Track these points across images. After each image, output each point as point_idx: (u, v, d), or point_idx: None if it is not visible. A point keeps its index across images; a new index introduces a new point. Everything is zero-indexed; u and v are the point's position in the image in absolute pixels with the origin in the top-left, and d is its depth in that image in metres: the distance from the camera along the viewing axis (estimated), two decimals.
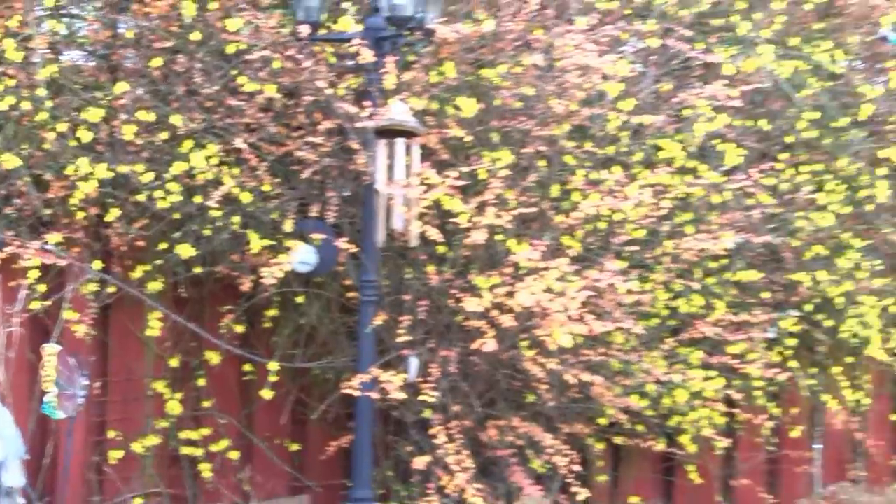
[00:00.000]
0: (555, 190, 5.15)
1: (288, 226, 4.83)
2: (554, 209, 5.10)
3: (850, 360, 6.05)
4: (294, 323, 5.17)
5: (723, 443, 5.51)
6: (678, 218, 5.31)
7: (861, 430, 6.10)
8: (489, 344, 4.60)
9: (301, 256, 4.81)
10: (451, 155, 4.94)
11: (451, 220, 4.80)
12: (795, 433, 6.02)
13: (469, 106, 4.86)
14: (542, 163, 5.13)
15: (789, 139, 5.82)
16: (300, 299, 5.06)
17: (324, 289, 5.08)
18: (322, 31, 4.88)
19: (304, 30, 4.69)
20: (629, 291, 4.91)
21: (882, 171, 6.00)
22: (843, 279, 5.76)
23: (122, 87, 4.67)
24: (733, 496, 6.00)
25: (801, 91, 5.81)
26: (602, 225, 5.12)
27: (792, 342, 5.70)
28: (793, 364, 5.70)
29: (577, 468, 4.94)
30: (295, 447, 5.41)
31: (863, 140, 5.97)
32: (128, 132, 4.65)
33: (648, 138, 5.40)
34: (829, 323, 5.78)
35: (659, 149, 5.41)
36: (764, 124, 5.73)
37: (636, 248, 5.17)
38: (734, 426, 5.81)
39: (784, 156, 5.77)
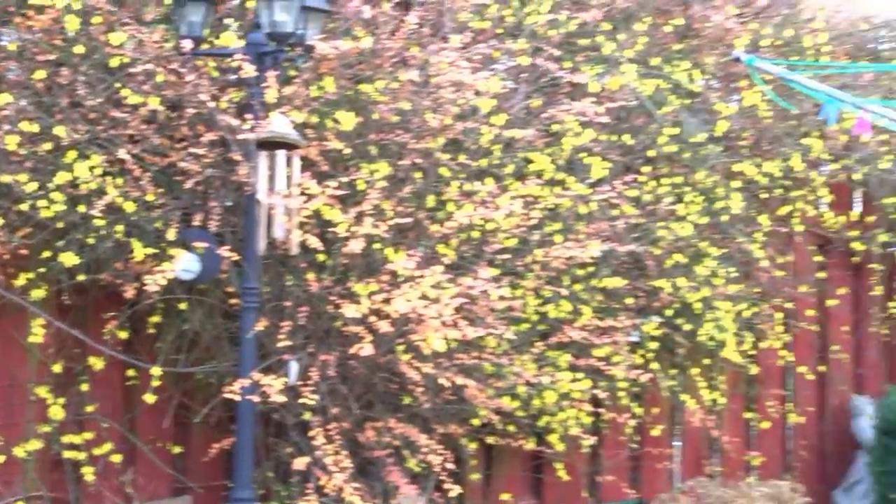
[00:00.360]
0: (430, 200, 5.20)
1: (171, 234, 4.78)
2: (429, 219, 5.14)
3: (707, 361, 6.18)
4: (177, 329, 5.11)
5: (589, 441, 5.63)
6: (548, 227, 5.40)
7: (717, 427, 6.25)
8: (367, 348, 4.63)
9: (184, 264, 4.78)
10: (330, 166, 4.95)
11: (331, 229, 4.81)
12: (656, 431, 6.14)
13: (348, 119, 4.89)
14: (418, 174, 5.17)
15: (651, 153, 5.95)
16: (183, 306, 5.01)
17: (206, 295, 5.05)
18: (205, 46, 4.84)
19: (187, 44, 4.65)
20: (501, 298, 4.97)
21: (736, 183, 6.19)
22: (700, 285, 5.89)
23: (4, 98, 4.58)
24: (599, 491, 6.08)
25: (661, 108, 5.95)
26: (475, 234, 5.18)
27: (654, 345, 5.83)
28: (654, 366, 5.82)
29: (450, 467, 4.99)
30: (177, 450, 5.34)
31: (718, 154, 6.12)
32: (11, 143, 4.56)
33: (519, 151, 5.48)
34: (687, 327, 5.90)
35: (529, 161, 5.50)
36: (627, 139, 5.86)
37: (508, 256, 5.25)
38: (600, 425, 5.91)
39: (646, 169, 5.91)
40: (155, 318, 5.08)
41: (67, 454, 5.09)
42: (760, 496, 5.67)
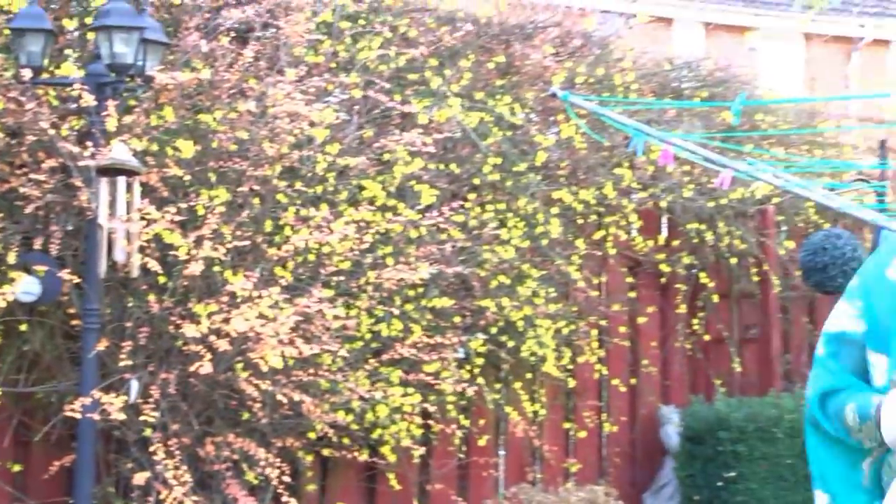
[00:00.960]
0: (268, 225, 5.22)
1: (11, 258, 4.69)
2: (267, 243, 5.16)
3: (529, 375, 6.30)
4: (17, 349, 4.99)
5: (419, 451, 5.69)
6: (380, 251, 5.46)
7: (538, 437, 6.35)
8: (206, 367, 4.62)
9: (24, 287, 4.70)
10: (170, 192, 4.94)
11: (171, 252, 4.80)
12: (482, 441, 6.21)
13: (187, 147, 4.89)
14: (256, 200, 5.19)
15: (476, 181, 6.07)
16: (24, 327, 4.92)
17: (48, 317, 4.95)
18: (45, 76, 4.79)
19: (27, 73, 4.59)
20: (336, 317, 5.04)
21: (555, 210, 6.34)
22: (523, 305, 6.02)
23: None
24: (428, 499, 6.12)
25: (485, 139, 6.08)
26: (311, 257, 5.22)
27: (480, 361, 5.93)
28: (480, 380, 5.91)
29: (287, 479, 4.99)
30: (17, 468, 5.22)
31: (538, 183, 6.27)
32: None
33: (353, 179, 5.54)
34: (511, 343, 6.02)
35: (362, 188, 5.57)
36: (454, 168, 5.98)
37: (342, 277, 5.29)
38: (429, 436, 5.96)
39: (472, 196, 6.03)
40: None
41: None
42: (578, 500, 5.80)
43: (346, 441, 5.48)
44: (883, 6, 17.44)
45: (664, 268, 6.97)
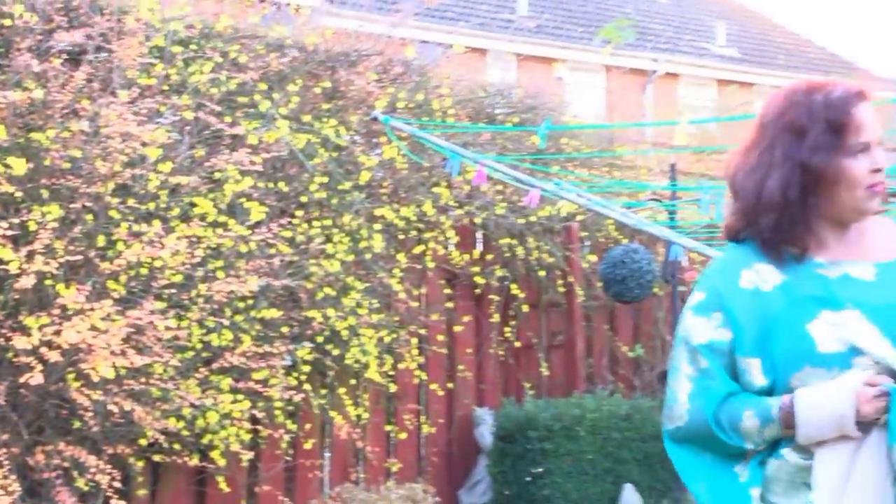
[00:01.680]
0: (101, 240, 5.06)
1: None
2: (100, 257, 5.00)
3: (353, 381, 6.29)
4: None
5: (248, 455, 5.58)
6: (211, 264, 5.37)
7: (362, 439, 6.35)
8: (37, 378, 4.45)
9: None
10: (2, 208, 4.77)
11: (2, 266, 4.63)
12: (308, 444, 6.16)
13: (19, 165, 4.71)
14: (89, 216, 5.05)
15: (304, 199, 6.04)
16: None
17: None
18: None
19: None
20: (167, 328, 4.93)
21: (378, 226, 6.37)
22: (347, 315, 6.01)
23: None
24: (257, 500, 6.06)
25: (312, 159, 6.06)
26: (144, 270, 5.08)
27: (306, 368, 5.88)
28: (307, 387, 5.86)
29: (118, 485, 4.87)
30: None
31: (362, 200, 6.29)
32: None
33: (185, 196, 5.44)
34: (336, 352, 6.00)
35: (194, 205, 5.47)
36: (283, 186, 5.94)
37: (174, 290, 5.18)
38: (258, 441, 5.88)
39: (300, 212, 6.00)
40: None
41: None
42: (398, 498, 5.82)
43: (176, 447, 5.35)
44: (673, 43, 18.14)
45: (479, 280, 7.04)
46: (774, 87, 2.81)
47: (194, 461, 5.47)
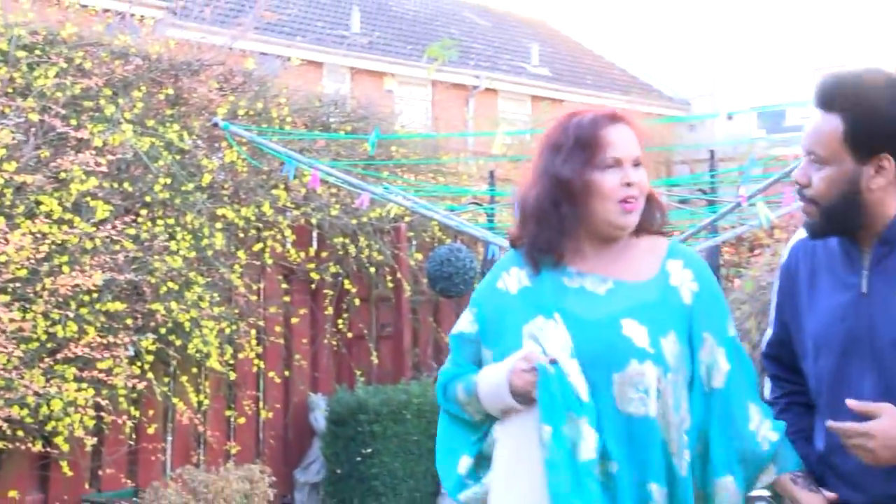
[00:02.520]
0: None
1: None
2: None
3: (195, 370, 6.21)
4: None
5: (91, 441, 5.45)
6: (56, 260, 5.22)
7: (203, 424, 6.27)
8: None
9: None
10: None
11: None
12: (151, 430, 6.05)
13: None
14: None
15: (148, 198, 5.92)
16: None
17: None
18: None
19: None
20: (12, 320, 4.77)
21: (219, 225, 6.30)
22: (190, 308, 5.92)
23: None
24: (100, 483, 5.91)
25: (156, 161, 5.95)
26: None
27: (150, 358, 5.77)
28: (150, 375, 5.74)
29: None
30: None
31: (204, 201, 6.20)
32: None
33: (30, 195, 5.26)
34: (179, 342, 5.91)
35: (40, 203, 5.30)
36: (127, 186, 5.81)
37: (19, 284, 5.01)
38: (102, 427, 5.73)
39: (144, 211, 5.87)
40: None
41: None
42: (236, 478, 5.77)
43: (20, 433, 5.14)
44: (493, 61, 18.49)
45: (314, 276, 7.04)
46: (582, 104, 2.93)
47: (38, 447, 5.31)
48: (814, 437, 2.60)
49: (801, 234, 2.65)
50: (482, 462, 2.54)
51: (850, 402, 2.34)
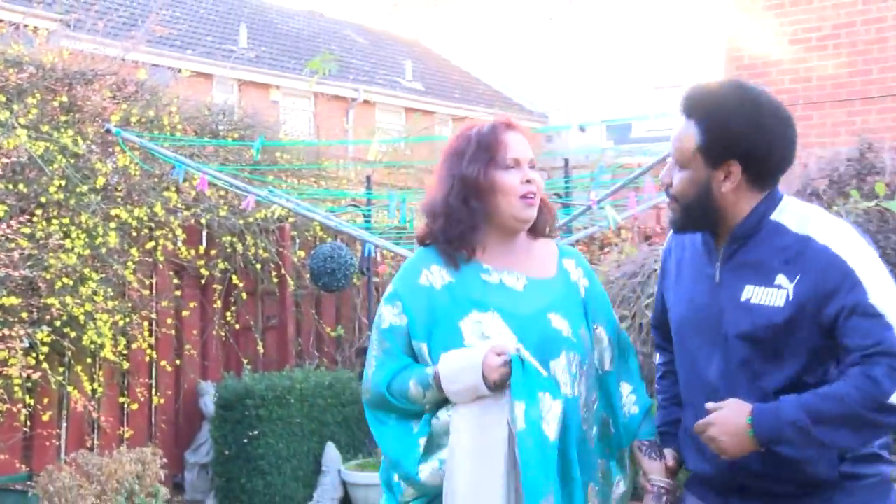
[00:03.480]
0: None
1: None
2: None
3: (89, 360, 6.04)
4: None
5: None
6: None
7: (97, 410, 6.13)
8: None
9: None
10: None
11: None
12: (46, 417, 5.87)
13: None
14: None
15: (43, 199, 5.74)
16: None
17: None
18: None
19: None
20: None
21: (113, 224, 6.14)
22: (84, 302, 5.76)
23: None
24: None
25: (51, 165, 5.78)
26: None
27: (45, 349, 5.59)
28: (45, 365, 5.57)
29: None
30: None
31: (98, 202, 6.05)
32: None
33: None
34: (73, 334, 5.75)
35: None
36: (22, 188, 5.62)
37: None
38: None
39: (39, 211, 5.69)
40: None
41: None
42: (129, 461, 5.63)
43: None
44: (370, 76, 18.49)
45: (204, 272, 6.94)
46: (451, 116, 3.00)
47: None
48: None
49: None
50: (430, 444, 2.52)
51: (708, 405, 2.42)
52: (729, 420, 2.36)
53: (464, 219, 2.57)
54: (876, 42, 11.64)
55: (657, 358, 2.85)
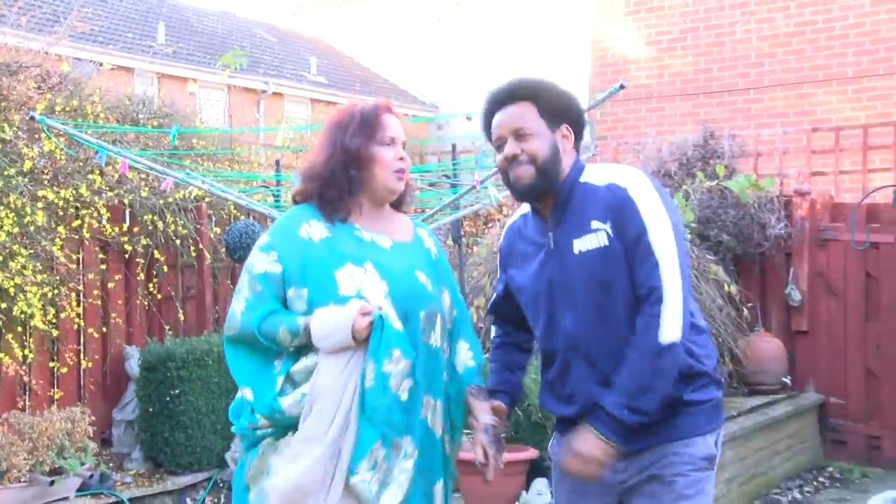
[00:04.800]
0: None
1: None
2: None
3: (20, 329, 5.87)
4: None
5: None
6: None
7: (28, 374, 5.98)
8: None
9: None
10: None
11: None
12: None
13: None
14: None
15: None
16: None
17: None
18: None
19: None
20: None
21: (40, 204, 5.96)
22: (14, 276, 5.60)
23: None
24: None
25: None
26: None
27: None
28: None
29: None
30: None
31: (26, 184, 5.86)
32: None
33: None
34: (4, 305, 5.57)
35: None
36: None
37: None
38: None
39: None
40: None
41: None
42: (59, 419, 5.50)
43: None
44: (279, 70, 18.20)
45: (127, 247, 6.79)
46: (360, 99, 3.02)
47: None
48: (522, 375, 2.84)
49: (511, 220, 2.85)
50: (290, 380, 2.53)
51: (563, 460, 2.57)
52: (590, 450, 2.48)
53: (342, 184, 2.61)
54: (715, 45, 12.10)
55: (493, 332, 2.94)
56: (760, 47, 11.51)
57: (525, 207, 2.80)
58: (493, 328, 2.96)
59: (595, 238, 2.52)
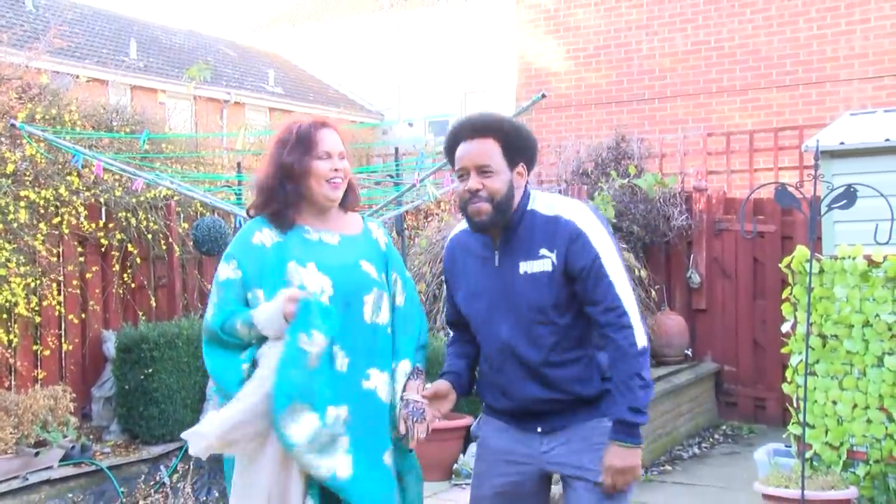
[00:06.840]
0: None
1: None
2: None
3: (5, 316, 5.77)
4: None
5: None
6: None
7: (13, 357, 5.87)
8: None
9: None
10: None
11: None
12: None
13: None
14: None
15: None
16: None
17: None
18: None
19: None
20: None
21: (23, 204, 5.87)
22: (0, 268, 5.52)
23: None
24: None
25: None
26: None
27: None
28: None
29: None
30: None
31: (10, 185, 5.74)
32: None
33: None
34: None
35: None
36: None
37: None
38: None
39: None
40: None
41: None
42: (42, 397, 5.45)
43: None
44: (240, 81, 18.00)
45: (104, 241, 6.71)
46: (306, 114, 3.04)
47: None
48: (469, 361, 2.82)
49: (455, 231, 2.85)
50: (255, 366, 2.55)
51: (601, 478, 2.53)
52: (625, 461, 2.48)
53: (279, 198, 2.63)
54: (625, 60, 12.39)
55: (451, 333, 2.96)
56: (663, 63, 11.84)
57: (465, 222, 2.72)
58: (450, 332, 2.96)
59: (541, 263, 2.54)
